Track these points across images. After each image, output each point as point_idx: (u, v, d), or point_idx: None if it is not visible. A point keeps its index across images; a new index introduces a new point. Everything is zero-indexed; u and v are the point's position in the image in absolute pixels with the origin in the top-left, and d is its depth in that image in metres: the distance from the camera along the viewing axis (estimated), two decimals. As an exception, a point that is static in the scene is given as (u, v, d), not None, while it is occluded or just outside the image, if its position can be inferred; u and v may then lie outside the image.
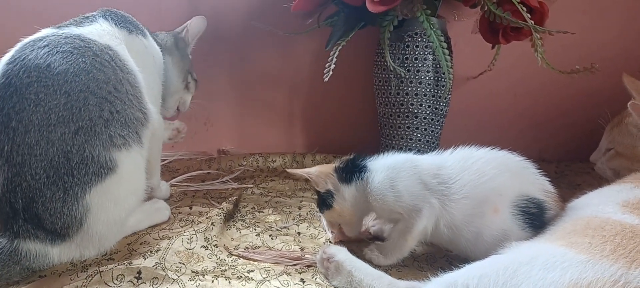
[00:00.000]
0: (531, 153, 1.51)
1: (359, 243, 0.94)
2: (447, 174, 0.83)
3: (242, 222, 1.04)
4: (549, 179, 0.85)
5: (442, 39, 1.12)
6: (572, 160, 1.46)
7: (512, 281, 0.62)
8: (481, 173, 0.81)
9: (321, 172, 0.91)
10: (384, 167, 0.87)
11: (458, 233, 0.81)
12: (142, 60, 0.96)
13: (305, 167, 1.42)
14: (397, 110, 1.27)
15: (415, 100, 1.24)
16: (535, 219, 0.79)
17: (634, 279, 0.58)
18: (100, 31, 0.91)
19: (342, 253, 0.80)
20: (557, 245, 0.67)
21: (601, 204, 0.78)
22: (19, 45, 0.82)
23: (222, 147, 1.57)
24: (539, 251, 0.66)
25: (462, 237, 0.81)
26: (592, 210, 0.77)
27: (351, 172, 0.89)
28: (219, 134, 1.57)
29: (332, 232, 0.95)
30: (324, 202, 0.89)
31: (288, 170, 0.95)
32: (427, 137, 1.28)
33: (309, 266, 0.85)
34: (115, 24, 0.95)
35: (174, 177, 1.31)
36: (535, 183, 0.83)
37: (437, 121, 1.29)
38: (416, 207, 0.81)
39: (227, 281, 0.78)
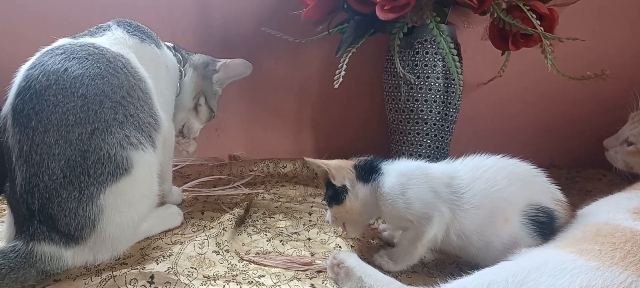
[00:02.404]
0: (542, 160, 1.51)
1: (369, 249, 0.95)
2: (458, 184, 0.83)
3: (253, 228, 1.05)
4: (559, 186, 0.85)
5: (452, 45, 1.12)
6: (583, 167, 1.45)
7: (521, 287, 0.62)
8: (492, 183, 0.81)
9: (340, 166, 0.91)
10: (395, 172, 0.87)
11: (468, 242, 0.81)
12: (154, 68, 0.98)
13: (316, 174, 1.45)
14: (407, 116, 1.27)
15: (425, 106, 1.24)
16: (546, 228, 0.79)
17: (644, 287, 0.58)
18: (112, 40, 0.94)
19: (352, 259, 0.80)
20: (566, 251, 0.67)
21: (612, 211, 0.77)
22: (38, 54, 0.86)
23: (233, 152, 1.59)
24: (548, 258, 0.66)
25: (472, 245, 0.81)
26: (602, 217, 0.77)
27: (370, 171, 0.89)
28: (229, 139, 1.58)
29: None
30: (337, 196, 0.89)
31: (306, 158, 0.95)
32: (436, 143, 1.28)
33: (319, 271, 0.85)
34: (127, 33, 0.98)
35: (186, 182, 1.33)
36: (545, 192, 0.82)
37: (447, 127, 1.29)
38: (426, 215, 0.81)
39: (239, 286, 0.79)
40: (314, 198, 1.26)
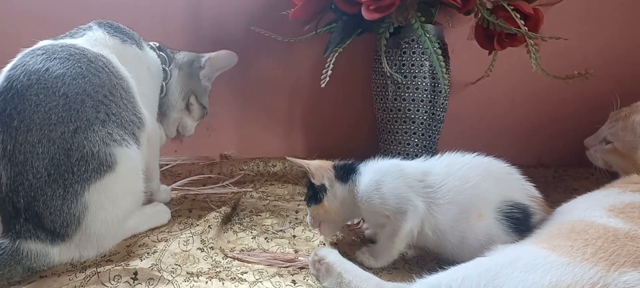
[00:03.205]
0: (529, 159, 1.55)
1: (351, 246, 0.96)
2: (432, 180, 0.85)
3: (239, 225, 1.06)
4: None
5: (437, 45, 1.13)
6: (571, 165, 1.47)
7: (493, 282, 0.63)
8: (466, 179, 0.83)
9: (320, 166, 0.93)
10: (371, 170, 0.89)
11: (443, 237, 0.83)
12: (135, 68, 0.99)
13: (305, 172, 1.46)
14: (395, 115, 1.28)
15: (412, 105, 1.26)
16: (520, 224, 0.80)
17: (612, 282, 0.59)
18: (92, 40, 0.95)
19: (332, 255, 0.81)
20: (539, 247, 0.68)
21: (588, 208, 0.78)
22: (19, 55, 0.87)
23: (224, 151, 1.60)
24: (522, 253, 0.67)
25: (448, 241, 0.82)
26: (578, 214, 0.78)
27: (348, 172, 0.91)
28: (221, 139, 1.59)
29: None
30: (315, 195, 0.91)
31: (288, 158, 0.98)
32: (424, 142, 1.29)
33: (301, 268, 0.87)
34: (108, 33, 0.99)
35: (176, 181, 1.34)
36: (519, 189, 0.84)
37: (435, 126, 1.30)
38: (401, 210, 0.82)
39: (221, 282, 0.80)
40: (302, 196, 1.27)
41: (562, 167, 1.47)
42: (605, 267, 0.61)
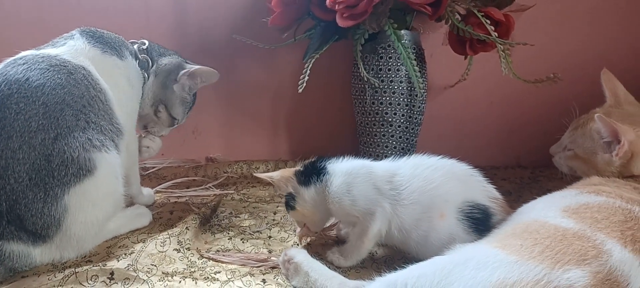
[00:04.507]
0: (508, 160, 1.58)
1: (324, 247, 0.99)
2: (398, 181, 0.88)
3: (218, 227, 1.10)
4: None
5: (411, 51, 1.17)
6: (547, 166, 1.49)
7: (446, 279, 0.67)
8: (429, 181, 0.86)
9: (283, 176, 0.96)
10: (341, 172, 0.92)
11: (407, 236, 0.86)
12: (114, 79, 1.01)
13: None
14: (373, 119, 1.32)
15: (389, 109, 1.29)
16: (480, 224, 0.84)
17: (555, 279, 0.63)
18: (73, 51, 0.97)
19: (300, 255, 0.85)
20: (492, 246, 0.71)
21: (544, 209, 0.82)
22: (1, 65, 0.91)
23: (210, 154, 1.63)
24: (475, 252, 0.71)
25: (412, 239, 0.86)
26: (534, 214, 0.81)
27: (310, 175, 0.94)
28: (206, 142, 1.62)
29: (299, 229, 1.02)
30: (287, 203, 0.95)
31: (255, 174, 1.01)
32: (402, 145, 1.33)
33: (273, 268, 0.90)
34: (89, 43, 1.01)
35: (161, 184, 1.37)
36: (481, 190, 0.88)
37: (412, 129, 1.34)
38: (370, 211, 0.86)
39: (194, 281, 0.84)
40: (282, 198, 1.30)
41: (538, 168, 1.50)
42: (550, 265, 0.65)
